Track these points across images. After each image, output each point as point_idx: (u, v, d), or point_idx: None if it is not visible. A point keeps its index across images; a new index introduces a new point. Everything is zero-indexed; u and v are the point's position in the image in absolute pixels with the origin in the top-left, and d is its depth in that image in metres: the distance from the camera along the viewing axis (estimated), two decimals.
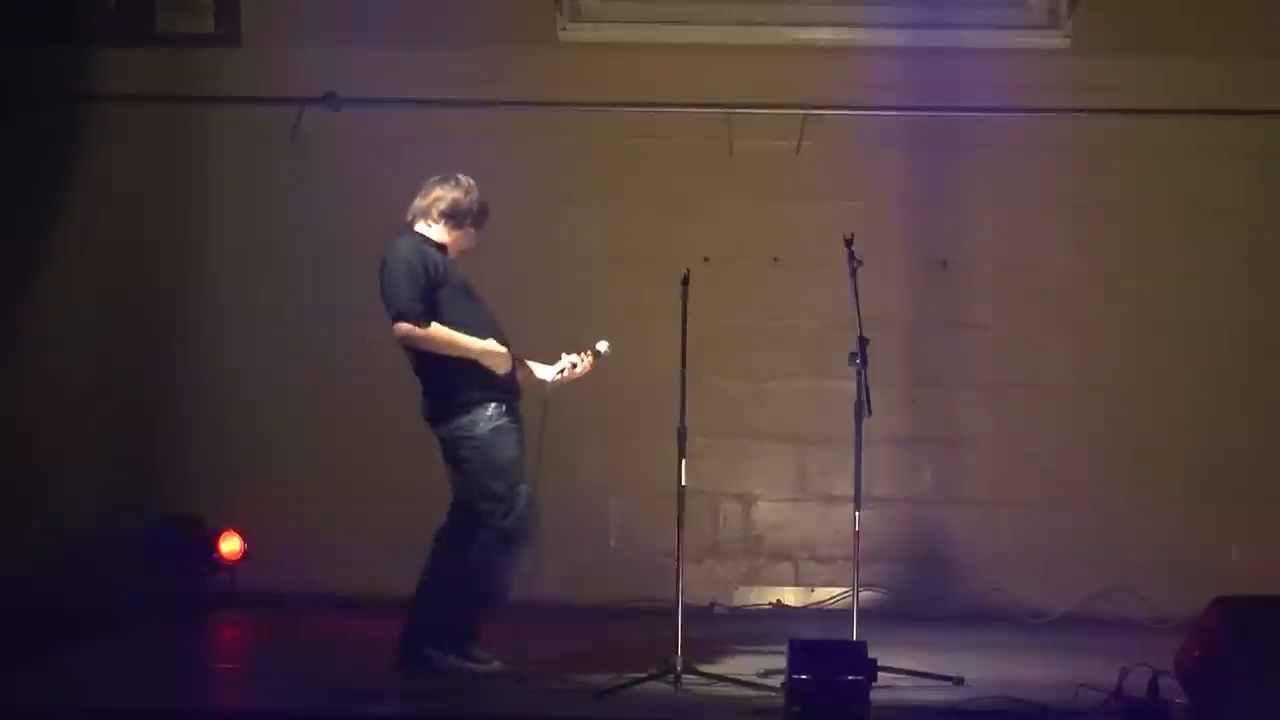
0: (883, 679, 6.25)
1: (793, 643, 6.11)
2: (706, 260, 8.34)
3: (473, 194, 6.87)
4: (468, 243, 6.92)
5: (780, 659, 6.16)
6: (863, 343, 6.69)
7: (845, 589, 7.86)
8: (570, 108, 8.62)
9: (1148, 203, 8.63)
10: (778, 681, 6.30)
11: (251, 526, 8.46)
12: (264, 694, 6.75)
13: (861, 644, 6.23)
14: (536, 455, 6.71)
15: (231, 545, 8.46)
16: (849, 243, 6.85)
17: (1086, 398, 8.64)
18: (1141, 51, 8.50)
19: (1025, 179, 8.64)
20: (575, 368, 6.87)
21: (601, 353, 6.90)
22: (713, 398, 8.31)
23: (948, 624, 8.21)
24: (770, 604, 8.67)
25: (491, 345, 6.72)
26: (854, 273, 6.80)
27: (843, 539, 7.83)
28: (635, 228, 8.64)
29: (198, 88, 8.75)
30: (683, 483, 6.71)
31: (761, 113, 8.57)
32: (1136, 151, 8.61)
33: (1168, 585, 8.16)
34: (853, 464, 6.76)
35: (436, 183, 6.90)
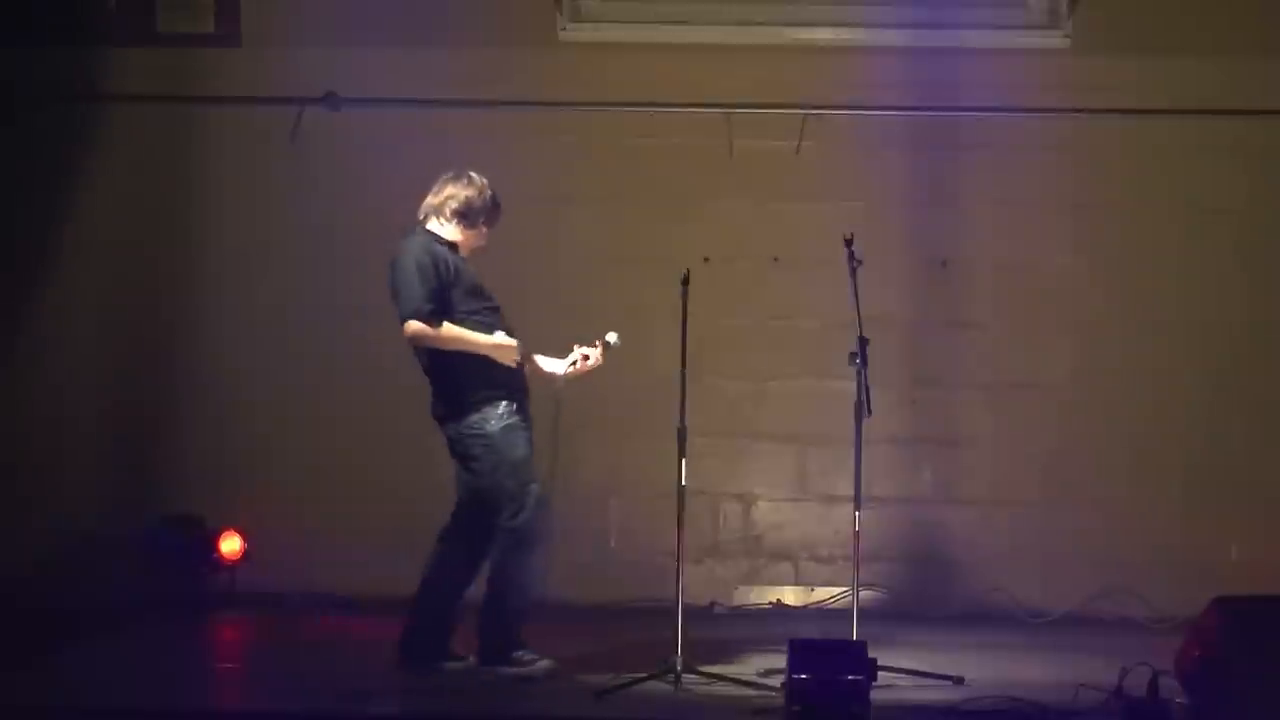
0: (883, 679, 6.24)
1: (793, 642, 6.11)
2: (706, 260, 8.34)
3: (486, 193, 6.85)
4: (479, 241, 6.91)
5: (780, 659, 6.16)
6: (863, 343, 6.69)
7: (845, 589, 7.85)
8: (570, 108, 8.62)
9: (1147, 203, 8.63)
10: (778, 681, 6.30)
11: (251, 526, 8.46)
12: (264, 694, 6.75)
13: (861, 644, 6.23)
14: (552, 455, 6.73)
15: (231, 545, 8.46)
16: (849, 243, 6.85)
17: (1086, 398, 8.63)
18: (1141, 51, 8.50)
19: (1025, 179, 8.64)
20: (587, 359, 6.86)
21: (611, 344, 6.90)
22: (713, 398, 8.31)
23: (948, 624, 8.20)
24: (770, 604, 8.67)
25: (501, 339, 6.71)
26: (854, 273, 6.80)
27: (843, 539, 7.83)
28: (635, 228, 8.63)
29: (198, 88, 8.75)
30: (683, 483, 6.71)
31: (761, 113, 8.57)
32: (1136, 151, 8.60)
33: (1167, 585, 8.15)
34: (853, 464, 6.76)
35: (449, 180, 6.87)
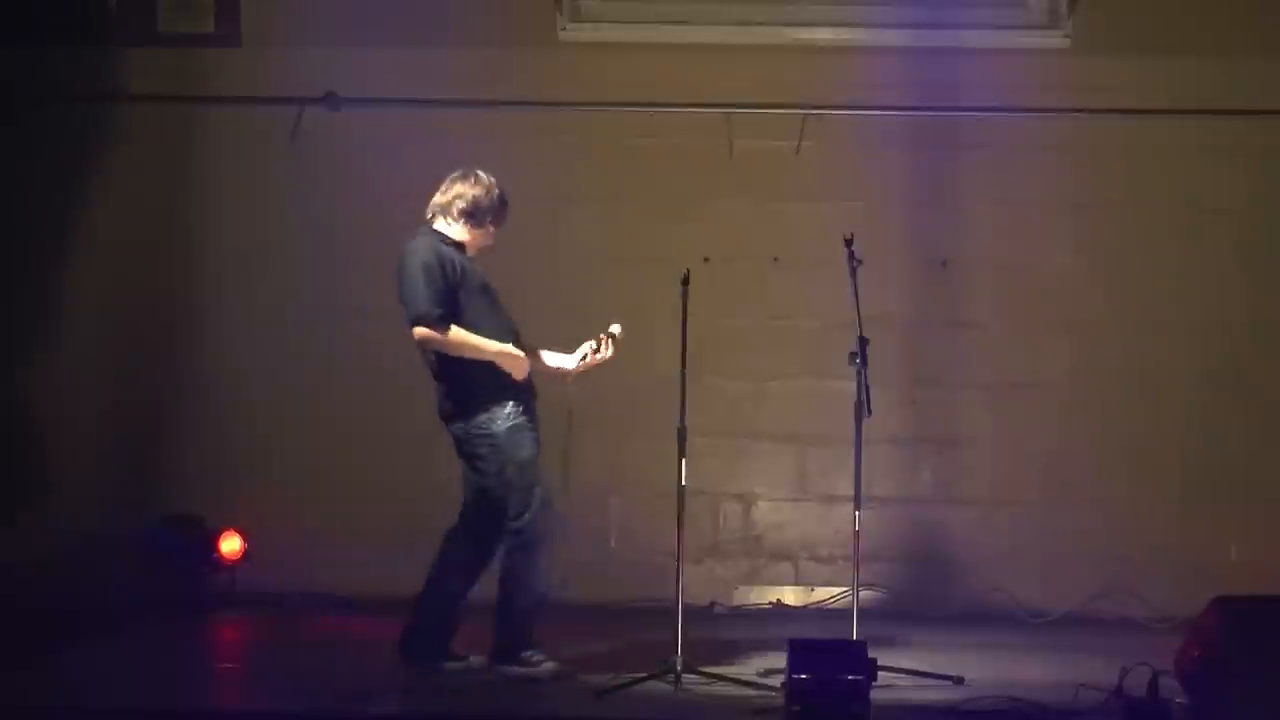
0: (883, 679, 6.25)
1: (793, 642, 6.11)
2: (706, 260, 8.34)
3: (493, 192, 6.83)
4: (487, 240, 6.89)
5: (780, 659, 6.16)
6: (863, 343, 6.69)
7: (845, 589, 7.85)
8: (570, 108, 8.62)
9: (1147, 203, 8.63)
10: (778, 681, 6.31)
11: (251, 526, 8.46)
12: (264, 694, 6.75)
13: (861, 644, 6.23)
14: (563, 457, 6.73)
15: (231, 545, 8.46)
16: (849, 243, 6.86)
17: (1086, 398, 8.63)
18: (1141, 51, 8.50)
19: (1025, 179, 8.64)
20: (596, 353, 6.86)
21: (616, 335, 6.89)
22: (713, 398, 8.31)
23: (948, 624, 8.20)
24: (770, 604, 8.67)
25: (509, 349, 6.70)
26: (854, 273, 6.80)
27: (843, 539, 7.84)
28: (635, 228, 8.63)
29: (198, 88, 8.75)
30: (683, 483, 6.71)
31: (761, 113, 8.57)
32: (1136, 151, 8.60)
33: (1167, 585, 8.16)
34: (853, 464, 6.77)
35: (457, 179, 6.85)
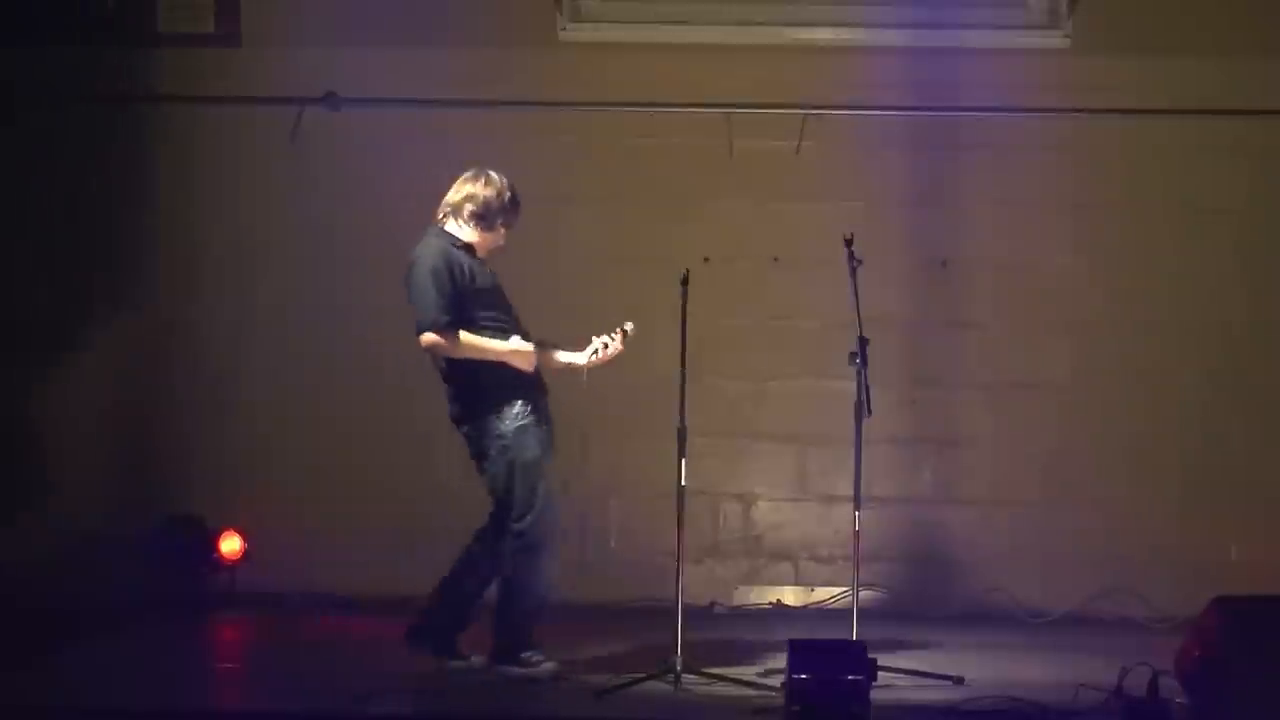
0: (883, 679, 6.25)
1: (793, 643, 6.11)
2: (706, 260, 8.34)
3: (505, 195, 6.80)
4: (498, 242, 6.88)
5: (780, 659, 6.17)
6: (863, 343, 6.69)
7: (845, 589, 7.85)
8: (570, 108, 8.61)
9: (1147, 203, 8.62)
10: (778, 681, 6.31)
11: (251, 526, 8.46)
12: (264, 694, 6.76)
13: (861, 644, 6.24)
14: (581, 457, 6.74)
15: (231, 545, 8.46)
16: (849, 243, 6.86)
17: (1086, 398, 8.63)
18: (1141, 51, 8.49)
19: (1025, 179, 8.64)
20: (607, 348, 6.84)
21: (629, 332, 6.89)
22: (713, 398, 8.31)
23: (948, 624, 8.19)
24: (770, 604, 8.67)
25: (517, 345, 6.70)
26: (854, 273, 6.81)
27: (843, 539, 7.83)
28: (635, 228, 8.63)
29: (198, 88, 8.73)
30: (683, 483, 6.72)
31: (761, 113, 8.57)
32: (1136, 151, 8.60)
33: (1167, 585, 8.16)
34: (853, 464, 6.77)
35: (468, 180, 6.83)
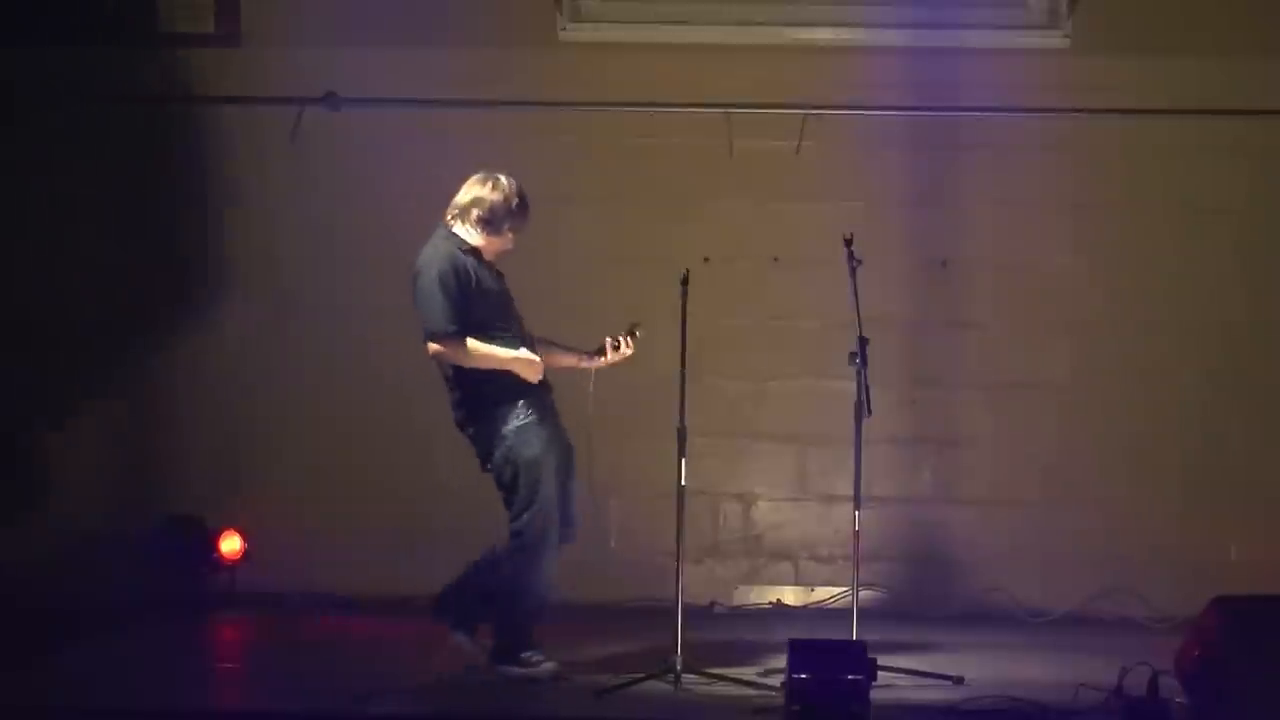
0: (883, 679, 6.25)
1: (793, 642, 6.11)
2: (706, 260, 8.34)
3: (513, 199, 6.77)
4: (506, 245, 6.86)
5: (780, 659, 6.17)
6: (863, 343, 6.70)
7: (845, 589, 7.84)
8: (570, 108, 8.61)
9: (1147, 203, 8.62)
10: (778, 681, 6.31)
11: (251, 526, 8.46)
12: (264, 694, 6.76)
13: (861, 644, 6.24)
14: (588, 459, 6.75)
15: (231, 545, 8.46)
16: (849, 243, 6.86)
17: (1086, 398, 8.63)
18: (1141, 51, 8.49)
19: (1025, 179, 8.64)
20: (617, 349, 6.85)
21: (637, 334, 6.88)
22: (713, 398, 8.31)
23: (948, 624, 8.19)
24: (770, 604, 8.67)
25: (523, 354, 6.69)
26: (854, 273, 6.81)
27: (843, 539, 7.83)
28: (635, 228, 8.63)
29: (198, 88, 8.74)
30: (683, 483, 6.72)
31: (761, 113, 8.57)
32: (1136, 151, 8.59)
33: (1167, 585, 8.16)
34: (853, 464, 6.77)
35: (477, 183, 6.81)
